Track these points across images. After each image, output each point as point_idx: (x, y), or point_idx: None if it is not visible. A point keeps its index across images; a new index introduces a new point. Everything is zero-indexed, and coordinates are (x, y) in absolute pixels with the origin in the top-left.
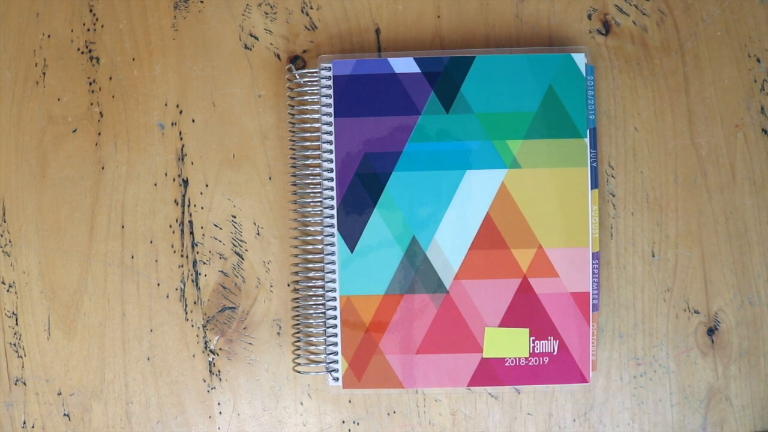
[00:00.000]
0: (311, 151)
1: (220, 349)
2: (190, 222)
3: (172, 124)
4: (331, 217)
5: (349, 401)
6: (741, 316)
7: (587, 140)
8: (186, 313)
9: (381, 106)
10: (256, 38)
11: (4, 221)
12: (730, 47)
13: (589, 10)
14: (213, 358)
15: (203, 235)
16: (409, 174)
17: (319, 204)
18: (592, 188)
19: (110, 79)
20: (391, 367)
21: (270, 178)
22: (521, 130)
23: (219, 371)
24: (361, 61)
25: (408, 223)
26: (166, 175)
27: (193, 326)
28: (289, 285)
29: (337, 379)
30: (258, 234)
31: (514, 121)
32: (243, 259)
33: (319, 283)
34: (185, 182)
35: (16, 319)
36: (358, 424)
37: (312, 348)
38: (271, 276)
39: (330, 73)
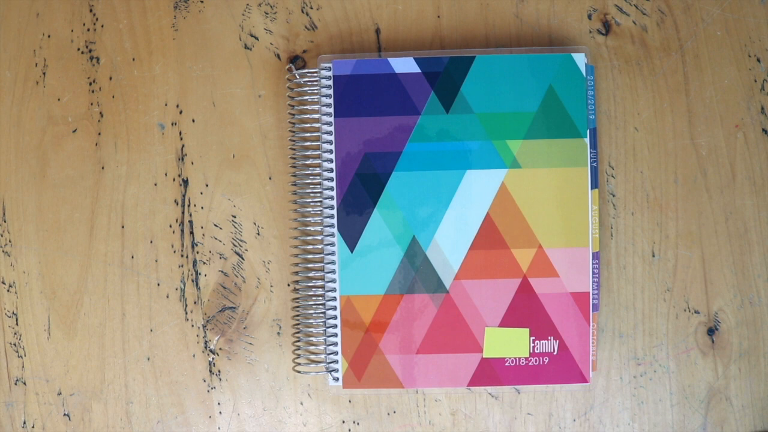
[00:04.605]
0: (311, 151)
1: (220, 349)
2: (190, 222)
3: (172, 124)
4: (331, 217)
5: (349, 401)
6: (741, 316)
7: (587, 140)
8: (186, 313)
9: (381, 106)
10: (256, 38)
11: (4, 221)
12: (730, 47)
13: (589, 10)
14: (213, 358)
15: (203, 235)
16: (409, 174)
17: (319, 204)
18: (592, 188)
19: (110, 79)
20: (391, 367)
21: (270, 178)
22: (521, 130)
23: (219, 371)
24: (361, 61)
25: (408, 223)
26: (166, 175)
27: (193, 326)
28: (289, 285)
29: (337, 379)
30: (258, 234)
31: (514, 121)
32: (243, 259)
33: (319, 283)
34: (185, 182)
35: (16, 319)
36: (358, 424)
37: (312, 348)
38: (271, 276)
39: (330, 73)
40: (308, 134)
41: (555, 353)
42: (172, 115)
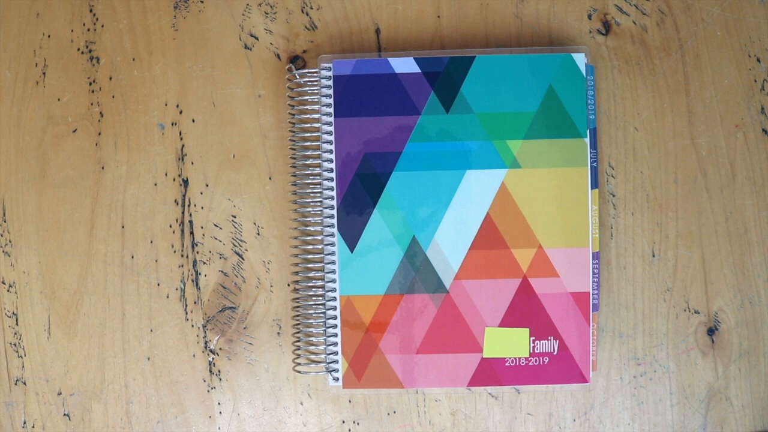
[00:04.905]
0: (311, 151)
1: (220, 349)
2: (190, 222)
3: (172, 124)
4: (331, 217)
5: (349, 401)
6: (741, 316)
7: (587, 140)
8: (186, 313)
9: (381, 106)
10: (256, 38)
11: (4, 221)
12: (730, 47)
13: (589, 10)
14: (213, 358)
15: (203, 235)
16: (409, 174)
17: (319, 204)
18: (592, 188)
19: (110, 79)
20: (391, 367)
21: (270, 178)
22: (521, 130)
23: (219, 371)
24: (361, 61)
25: (408, 223)
26: (166, 175)
27: (193, 326)
28: (289, 285)
29: (337, 379)
30: (258, 234)
31: (514, 121)
32: (243, 259)
33: (319, 283)
34: (185, 182)
35: (16, 319)
36: (358, 424)
37: (312, 348)
38: (271, 276)
39: (330, 73)
40: (308, 134)
41: (555, 353)
42: (172, 115)
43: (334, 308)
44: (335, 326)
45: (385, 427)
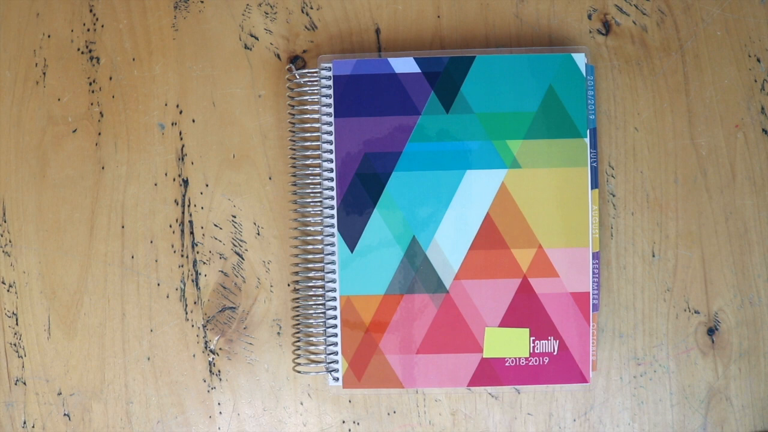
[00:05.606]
0: (311, 151)
1: (220, 349)
2: (190, 222)
3: (172, 124)
4: (331, 217)
5: (349, 401)
6: (741, 316)
7: (587, 140)
8: (186, 313)
9: (381, 106)
10: (256, 38)
11: (4, 221)
12: (730, 47)
13: (589, 10)
14: (213, 358)
15: (203, 235)
16: (409, 174)
17: (319, 204)
18: (592, 188)
19: (110, 79)
20: (391, 367)
21: (270, 178)
22: (521, 130)
23: (219, 371)
24: (361, 61)
25: (408, 223)
26: (166, 175)
27: (193, 326)
28: (289, 285)
29: (337, 379)
30: (258, 234)
31: (514, 121)
32: (243, 259)
33: (319, 283)
34: (185, 182)
35: (16, 319)
36: (358, 424)
37: (312, 348)
38: (271, 276)
39: (330, 73)
40: (308, 134)
41: (555, 353)
42: (172, 115)
43: (334, 308)
44: (335, 326)
45: (385, 427)
